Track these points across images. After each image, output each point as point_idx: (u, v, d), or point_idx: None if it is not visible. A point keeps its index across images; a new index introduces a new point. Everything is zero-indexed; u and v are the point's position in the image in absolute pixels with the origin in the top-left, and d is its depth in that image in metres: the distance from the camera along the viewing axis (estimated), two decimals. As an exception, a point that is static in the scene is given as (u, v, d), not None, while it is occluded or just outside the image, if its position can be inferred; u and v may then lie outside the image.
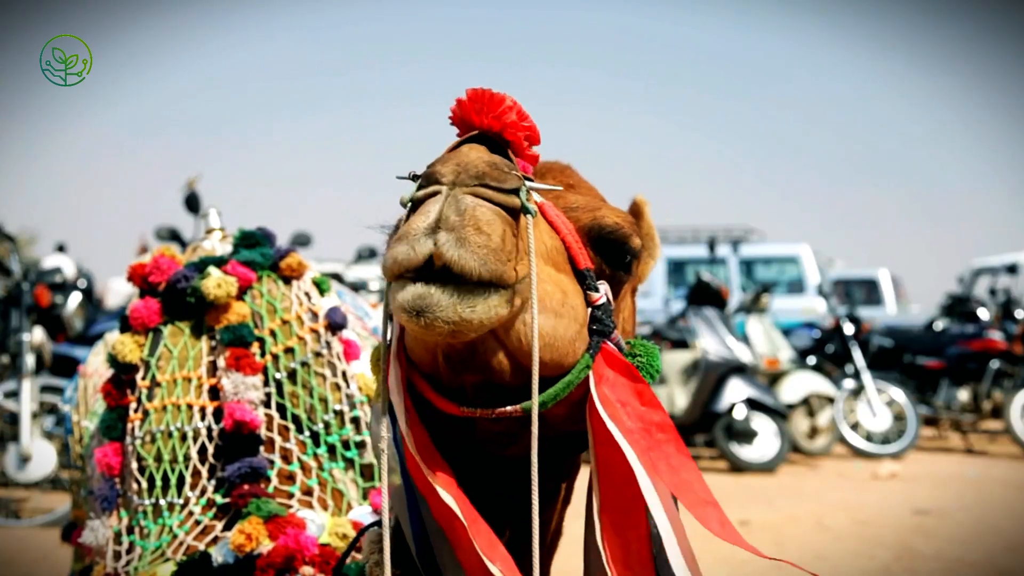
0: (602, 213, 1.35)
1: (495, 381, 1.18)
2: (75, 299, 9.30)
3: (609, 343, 1.26)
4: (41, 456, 7.00)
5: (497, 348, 1.16)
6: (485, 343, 1.14)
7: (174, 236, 8.71)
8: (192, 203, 8.50)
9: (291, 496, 2.05)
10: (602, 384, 1.24)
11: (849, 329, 11.50)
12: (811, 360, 11.83)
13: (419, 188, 1.11)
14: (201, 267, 2.23)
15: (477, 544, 1.17)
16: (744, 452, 9.63)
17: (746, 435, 9.61)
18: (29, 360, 7.22)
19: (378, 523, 1.60)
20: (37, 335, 7.71)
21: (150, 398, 2.12)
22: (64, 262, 15.16)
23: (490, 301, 1.08)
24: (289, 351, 2.19)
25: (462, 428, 1.25)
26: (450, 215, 1.05)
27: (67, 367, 8.08)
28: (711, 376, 9.73)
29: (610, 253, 1.34)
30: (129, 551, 2.03)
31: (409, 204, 1.12)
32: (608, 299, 1.29)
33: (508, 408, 1.18)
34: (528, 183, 1.16)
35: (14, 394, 7.21)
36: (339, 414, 2.18)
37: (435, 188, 1.08)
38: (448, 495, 1.19)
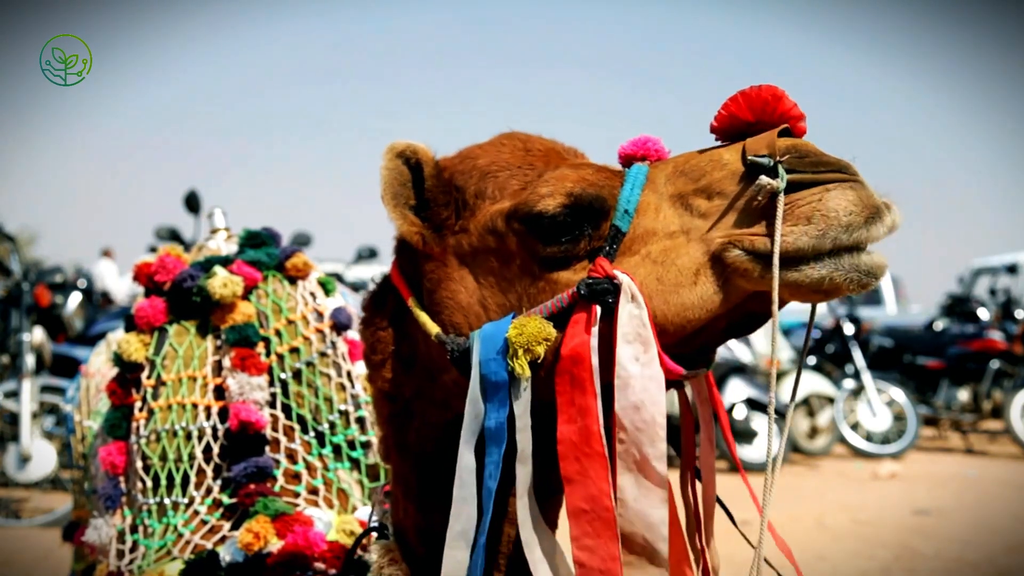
0: None
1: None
2: (75, 299, 9.30)
3: None
4: (41, 456, 6.98)
5: None
6: None
7: (174, 236, 8.71)
8: (192, 203, 8.51)
9: (297, 496, 2.05)
10: None
11: (849, 329, 11.50)
12: (811, 360, 11.83)
13: (815, 172, 1.21)
14: (207, 266, 2.23)
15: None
16: (744, 452, 9.62)
17: (746, 435, 9.61)
18: (29, 360, 7.21)
19: (381, 526, 1.60)
20: (37, 335, 7.70)
21: (155, 397, 2.11)
22: (109, 268, 15.16)
23: None
24: (294, 351, 2.18)
25: None
26: (884, 198, 1.22)
27: (67, 367, 8.07)
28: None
29: None
30: (133, 550, 2.02)
31: (783, 189, 1.20)
32: None
33: (703, 369, 1.37)
34: None
35: (14, 394, 7.20)
36: (344, 414, 2.18)
37: (845, 176, 1.22)
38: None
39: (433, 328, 1.41)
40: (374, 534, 1.63)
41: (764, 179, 1.20)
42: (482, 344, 1.33)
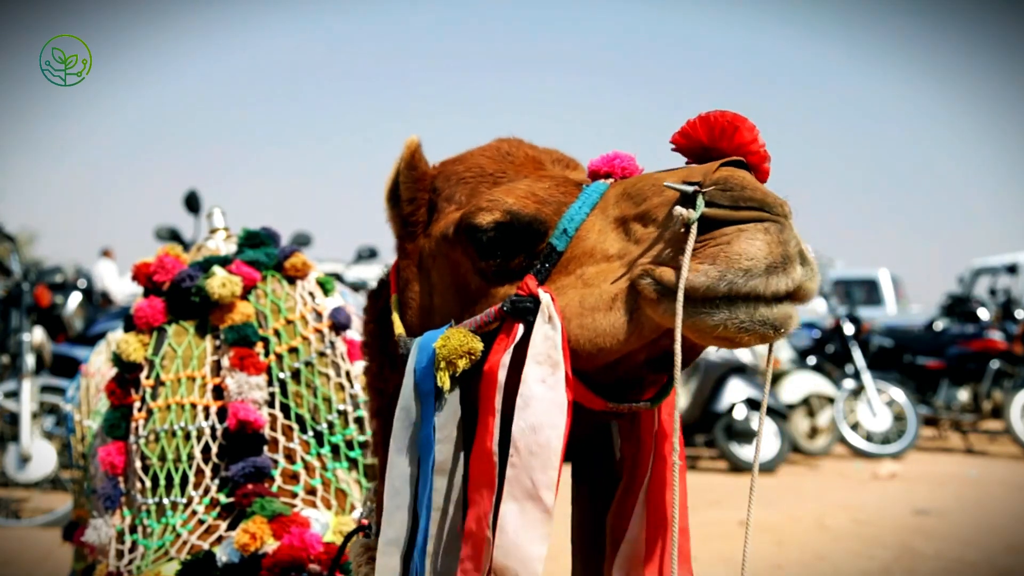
0: None
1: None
2: (75, 299, 9.30)
3: None
4: (41, 456, 6.98)
5: None
6: None
7: (174, 236, 8.72)
8: (192, 203, 8.51)
9: (295, 496, 2.05)
10: None
11: (849, 329, 11.51)
12: (811, 360, 11.83)
13: (734, 208, 1.15)
14: (206, 266, 2.23)
15: None
16: (744, 452, 9.62)
17: (746, 435, 9.62)
18: (29, 360, 7.20)
19: (363, 528, 1.59)
20: (37, 335, 7.70)
21: (154, 397, 2.11)
22: (109, 268, 15.19)
23: None
24: (293, 351, 2.19)
25: None
26: (804, 250, 1.16)
27: (67, 367, 8.07)
28: (711, 376, 9.73)
29: None
30: (132, 550, 2.03)
31: (696, 221, 1.14)
32: None
33: (642, 404, 1.30)
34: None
35: (14, 394, 7.19)
36: (343, 414, 2.18)
37: (765, 215, 1.15)
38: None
39: (399, 328, 1.41)
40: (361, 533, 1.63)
41: (679, 209, 1.15)
42: (418, 352, 1.32)
